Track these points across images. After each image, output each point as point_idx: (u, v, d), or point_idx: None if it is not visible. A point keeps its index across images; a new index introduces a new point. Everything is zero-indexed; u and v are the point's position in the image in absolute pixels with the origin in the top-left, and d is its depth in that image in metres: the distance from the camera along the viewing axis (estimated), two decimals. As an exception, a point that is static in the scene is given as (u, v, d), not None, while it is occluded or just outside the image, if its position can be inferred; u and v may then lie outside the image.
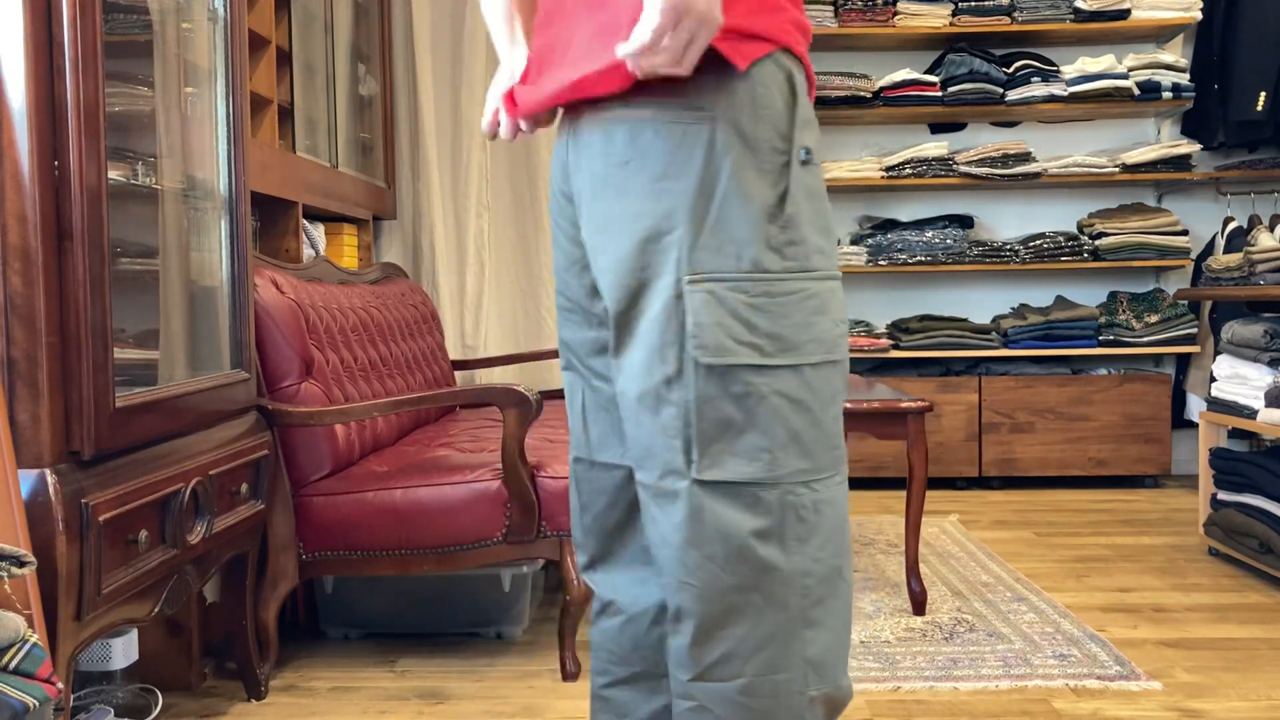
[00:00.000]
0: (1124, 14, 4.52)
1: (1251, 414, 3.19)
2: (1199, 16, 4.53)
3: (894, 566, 3.31)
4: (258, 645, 2.40)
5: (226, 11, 2.30)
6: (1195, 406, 4.64)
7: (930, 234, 4.66)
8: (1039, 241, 4.63)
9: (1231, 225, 4.54)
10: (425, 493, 2.46)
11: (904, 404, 2.80)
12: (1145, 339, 4.56)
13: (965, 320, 4.68)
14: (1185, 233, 4.62)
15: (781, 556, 1.10)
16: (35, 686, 1.38)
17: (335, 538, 2.47)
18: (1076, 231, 4.74)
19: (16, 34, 1.61)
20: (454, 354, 4.01)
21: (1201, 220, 4.83)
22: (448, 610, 2.75)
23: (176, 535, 1.92)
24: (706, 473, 1.10)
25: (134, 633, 2.22)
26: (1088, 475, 4.57)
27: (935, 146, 4.61)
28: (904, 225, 4.72)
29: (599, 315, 1.25)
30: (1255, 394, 3.20)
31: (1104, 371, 4.63)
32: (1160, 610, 2.90)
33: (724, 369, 1.09)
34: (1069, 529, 3.85)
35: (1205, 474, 3.44)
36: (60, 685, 1.45)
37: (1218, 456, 3.35)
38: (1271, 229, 3.92)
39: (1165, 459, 4.53)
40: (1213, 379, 3.47)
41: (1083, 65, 4.55)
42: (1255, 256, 3.25)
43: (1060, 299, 4.78)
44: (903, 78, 4.56)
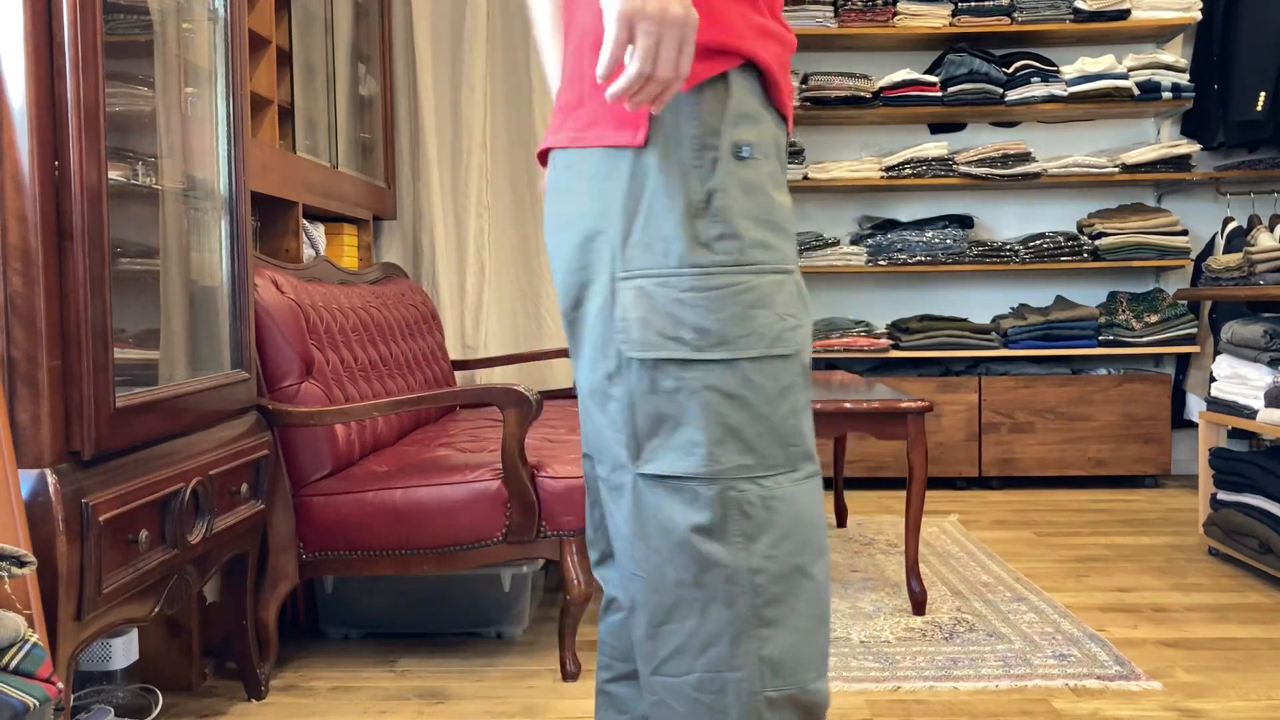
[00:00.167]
0: (1124, 14, 4.52)
1: (1251, 414, 3.19)
2: (1199, 16, 4.53)
3: (894, 566, 3.31)
4: (258, 645, 2.40)
5: (226, 11, 2.30)
6: (1195, 406, 4.64)
7: (930, 234, 4.66)
8: (1039, 241, 4.63)
9: (1231, 225, 4.54)
10: (425, 493, 2.46)
11: (904, 404, 2.80)
12: (1145, 339, 4.56)
13: (965, 320, 4.68)
14: (1185, 233, 4.62)
15: (725, 553, 1.09)
16: (35, 686, 1.38)
17: (335, 538, 2.47)
18: (1076, 231, 4.73)
19: (17, 34, 1.61)
20: (454, 354, 4.01)
21: (1201, 220, 4.83)
22: (448, 610, 2.75)
23: (177, 535, 1.92)
24: (645, 466, 1.12)
25: (134, 633, 2.22)
26: (1087, 475, 4.57)
27: (935, 146, 4.61)
28: (904, 225, 4.72)
29: None
30: (1255, 394, 3.20)
31: (1104, 371, 4.63)
32: (1160, 610, 2.90)
33: (654, 363, 1.10)
34: (1069, 529, 3.85)
35: (1205, 474, 3.44)
36: (60, 685, 1.45)
37: (1217, 456, 3.36)
38: (1271, 229, 3.92)
39: (1165, 459, 4.53)
40: (1212, 379, 3.47)
41: (1082, 65, 4.55)
42: (1255, 256, 3.25)
43: (1060, 299, 4.78)
44: (902, 78, 4.56)
